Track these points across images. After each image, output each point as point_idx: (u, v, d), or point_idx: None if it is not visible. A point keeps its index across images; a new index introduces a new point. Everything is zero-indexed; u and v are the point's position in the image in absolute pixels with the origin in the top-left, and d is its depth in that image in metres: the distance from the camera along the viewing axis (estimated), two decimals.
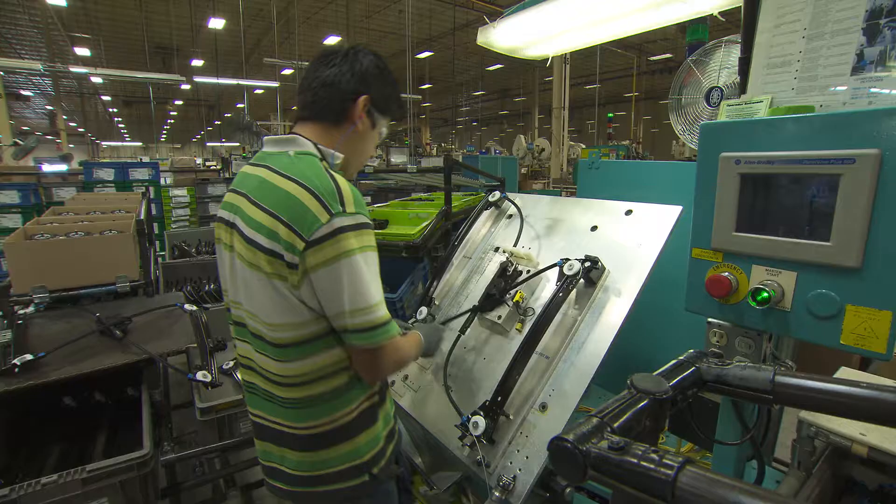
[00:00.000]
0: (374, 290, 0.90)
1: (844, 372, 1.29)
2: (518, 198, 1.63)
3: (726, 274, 0.97)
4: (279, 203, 0.88)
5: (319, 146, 0.97)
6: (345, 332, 0.91)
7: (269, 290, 0.91)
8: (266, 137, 1.03)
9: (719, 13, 1.45)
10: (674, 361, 0.77)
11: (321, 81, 0.99)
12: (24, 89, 19.68)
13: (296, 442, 1.00)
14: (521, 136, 12.62)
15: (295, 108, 1.10)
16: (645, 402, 0.58)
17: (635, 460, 0.45)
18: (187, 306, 2.03)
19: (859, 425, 1.02)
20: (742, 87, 1.08)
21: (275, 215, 0.87)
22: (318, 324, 0.92)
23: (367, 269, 0.88)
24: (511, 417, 1.14)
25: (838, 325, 0.83)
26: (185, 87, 17.48)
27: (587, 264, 1.16)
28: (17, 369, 1.50)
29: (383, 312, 0.91)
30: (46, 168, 7.01)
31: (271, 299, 0.91)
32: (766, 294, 0.89)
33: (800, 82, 0.96)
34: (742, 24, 1.06)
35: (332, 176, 0.90)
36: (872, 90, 0.87)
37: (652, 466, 0.44)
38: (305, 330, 0.92)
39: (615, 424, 0.52)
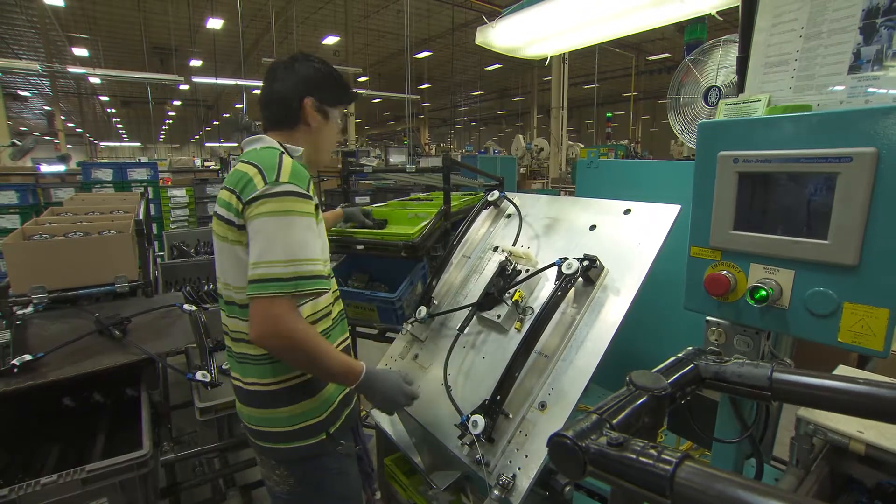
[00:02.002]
0: (279, 248, 0.96)
1: (842, 369, 1.29)
2: (517, 197, 1.63)
3: (724, 272, 0.97)
4: (235, 180, 1.04)
5: (284, 144, 1.15)
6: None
7: (233, 256, 1.06)
8: (247, 139, 1.19)
9: (717, 13, 1.45)
10: (672, 359, 0.77)
11: (271, 97, 1.16)
12: (21, 90, 19.65)
13: (261, 399, 1.13)
14: (520, 136, 12.64)
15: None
16: (644, 398, 0.58)
17: (634, 456, 0.45)
18: (186, 306, 2.03)
19: (857, 423, 1.02)
20: (740, 87, 1.08)
21: (231, 190, 1.04)
22: None
23: (279, 229, 0.97)
24: (510, 416, 1.14)
25: (836, 323, 0.83)
26: (184, 87, 17.46)
27: (586, 263, 1.17)
28: (16, 370, 1.50)
29: (278, 270, 0.95)
30: (45, 168, 7.01)
31: (234, 265, 1.06)
32: (764, 292, 0.89)
33: (797, 81, 0.97)
34: (739, 23, 1.06)
35: (280, 158, 1.04)
36: (869, 89, 0.87)
37: (650, 462, 0.44)
38: None
39: (614, 421, 0.53)
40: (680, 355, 0.79)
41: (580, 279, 1.19)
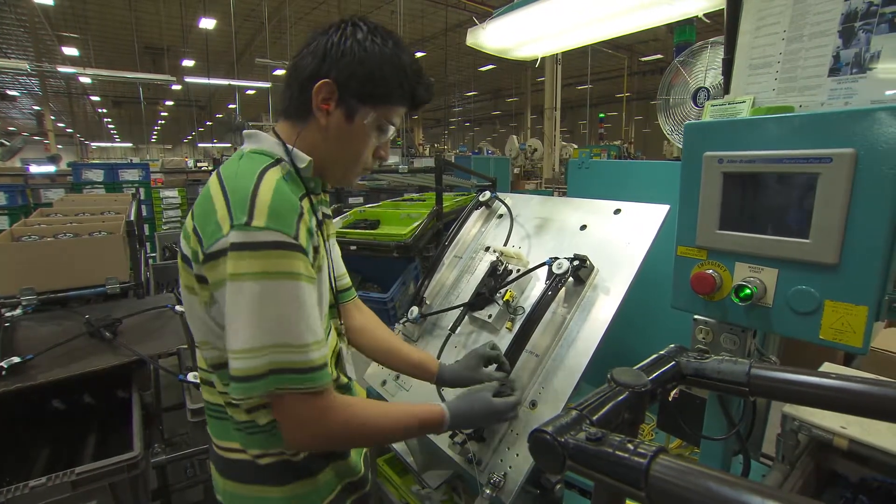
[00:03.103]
0: (252, 330, 0.70)
1: (827, 367, 1.31)
2: (508, 197, 1.64)
3: (710, 271, 0.98)
4: (199, 205, 0.78)
5: (289, 146, 0.83)
6: None
7: (190, 304, 0.80)
8: (245, 132, 0.90)
9: (704, 15, 1.47)
10: (654, 356, 0.79)
11: (289, 69, 0.85)
12: (10, 89, 19.42)
13: (243, 471, 0.86)
14: (514, 137, 12.66)
15: None
16: (624, 395, 0.59)
17: (611, 450, 0.47)
18: (178, 307, 2.02)
19: (841, 419, 1.04)
20: (725, 88, 1.10)
21: (193, 218, 0.77)
22: None
23: (255, 303, 0.69)
24: None
25: (817, 321, 0.84)
26: (176, 87, 17.34)
27: (576, 263, 1.18)
28: (4, 372, 1.49)
29: (255, 363, 0.70)
30: (34, 169, 6.94)
31: (192, 315, 0.81)
32: (748, 291, 0.90)
33: (780, 83, 0.98)
34: (725, 25, 1.08)
35: (259, 179, 0.74)
36: (849, 91, 0.89)
37: (626, 456, 0.45)
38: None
39: (594, 417, 0.54)
40: (662, 352, 0.80)
41: (570, 279, 1.20)
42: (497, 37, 1.84)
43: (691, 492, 0.39)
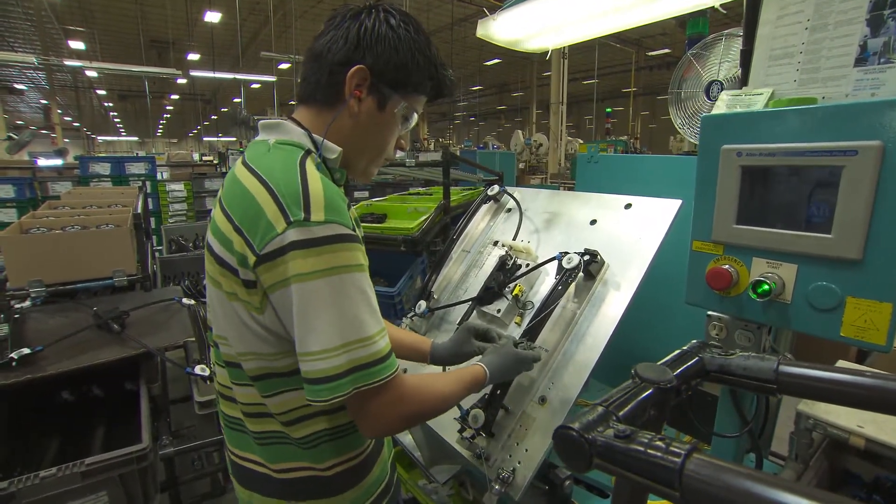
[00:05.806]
0: (328, 329, 0.67)
1: (842, 364, 1.29)
2: (517, 191, 1.63)
3: (727, 266, 0.96)
4: (236, 203, 0.72)
5: (314, 136, 0.79)
6: None
7: (231, 314, 0.75)
8: (261, 122, 0.84)
9: (720, 5, 1.44)
10: (677, 352, 0.77)
11: (312, 53, 0.80)
12: (17, 83, 19.50)
13: (312, 488, 0.84)
14: (519, 132, 12.61)
15: (292, 102, 0.96)
16: (649, 391, 0.58)
17: (642, 448, 0.45)
18: (185, 300, 2.02)
19: (856, 418, 1.03)
20: (743, 80, 1.07)
21: (231, 219, 0.72)
22: (292, 355, 0.73)
23: (326, 300, 0.67)
24: (510, 410, 1.14)
25: (839, 318, 0.83)
26: (181, 81, 17.36)
27: (586, 258, 1.16)
28: (14, 363, 1.50)
29: (336, 362, 0.67)
30: (42, 162, 6.96)
31: (235, 325, 0.76)
32: (766, 286, 0.88)
33: (802, 74, 0.96)
34: (744, 15, 1.05)
35: (303, 172, 0.70)
36: (876, 82, 0.86)
37: (659, 454, 0.44)
38: (277, 362, 0.76)
39: (620, 413, 0.52)
40: (685, 348, 0.79)
41: (581, 274, 1.18)
42: (507, 28, 1.82)
43: (729, 491, 0.37)
